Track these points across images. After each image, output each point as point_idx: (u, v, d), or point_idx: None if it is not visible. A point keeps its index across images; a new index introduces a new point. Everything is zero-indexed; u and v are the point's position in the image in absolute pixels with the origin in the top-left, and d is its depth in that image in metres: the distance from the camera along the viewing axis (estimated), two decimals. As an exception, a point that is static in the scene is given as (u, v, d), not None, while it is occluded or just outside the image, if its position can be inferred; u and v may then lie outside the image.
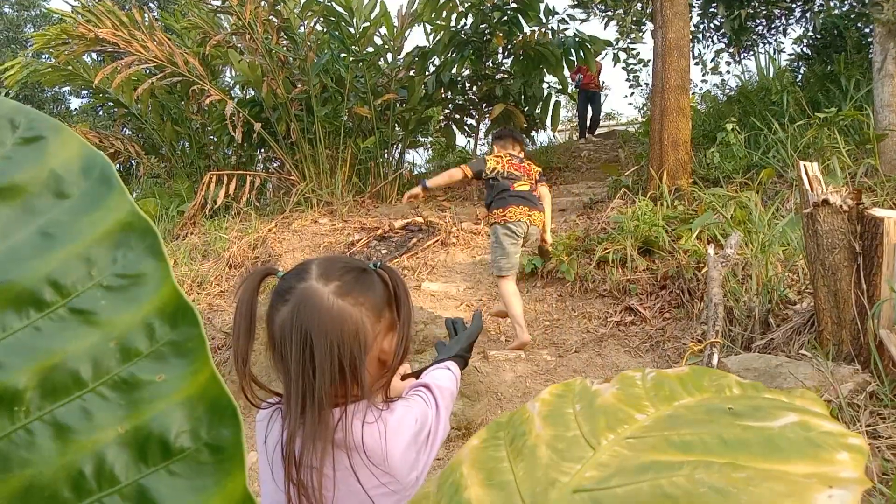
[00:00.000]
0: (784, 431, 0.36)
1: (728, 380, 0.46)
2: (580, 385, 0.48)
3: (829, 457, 0.33)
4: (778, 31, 10.39)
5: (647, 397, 0.44)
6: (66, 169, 0.41)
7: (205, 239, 7.04)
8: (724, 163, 6.62)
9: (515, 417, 0.46)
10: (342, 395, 0.99)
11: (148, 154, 9.58)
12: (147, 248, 0.39)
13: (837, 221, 2.90)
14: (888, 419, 2.49)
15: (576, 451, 0.40)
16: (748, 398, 0.43)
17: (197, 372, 0.37)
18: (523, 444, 0.42)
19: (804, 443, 0.35)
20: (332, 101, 8.53)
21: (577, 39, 8.66)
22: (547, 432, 0.43)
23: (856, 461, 0.33)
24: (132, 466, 0.36)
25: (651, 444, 0.38)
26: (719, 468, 0.34)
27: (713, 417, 0.39)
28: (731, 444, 0.36)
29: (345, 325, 0.97)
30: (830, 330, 2.96)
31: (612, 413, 0.43)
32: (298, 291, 0.99)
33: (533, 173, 4.52)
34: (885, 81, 5.59)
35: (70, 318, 0.38)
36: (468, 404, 3.53)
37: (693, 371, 0.47)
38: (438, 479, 0.44)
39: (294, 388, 0.95)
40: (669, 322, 4.39)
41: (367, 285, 1.04)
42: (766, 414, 0.39)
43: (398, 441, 0.99)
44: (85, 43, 7.43)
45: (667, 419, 0.41)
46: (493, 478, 0.41)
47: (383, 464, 0.97)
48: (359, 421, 0.98)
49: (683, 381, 0.46)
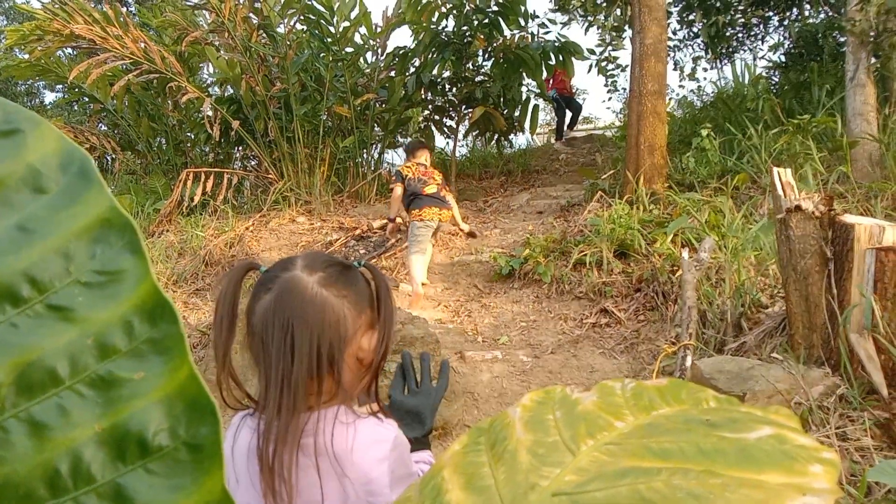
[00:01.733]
0: (759, 443, 0.37)
1: (705, 393, 0.46)
2: (560, 392, 0.48)
3: (803, 468, 0.34)
4: (756, 39, 10.53)
5: (626, 406, 0.45)
6: (43, 163, 0.40)
7: (181, 237, 6.97)
8: (699, 168, 6.70)
9: (496, 423, 0.46)
10: (318, 392, 0.98)
11: (124, 150, 9.45)
12: (126, 244, 0.39)
13: (809, 227, 2.94)
14: (857, 421, 2.54)
15: (556, 457, 0.40)
16: (725, 411, 0.43)
17: (176, 370, 0.37)
18: (504, 449, 0.43)
19: (779, 454, 0.36)
20: (312, 99, 8.48)
21: (558, 44, 8.71)
22: (527, 437, 0.43)
23: (829, 474, 0.34)
24: (109, 465, 0.36)
25: (630, 450, 0.39)
26: (696, 475, 0.35)
27: (691, 427, 0.40)
28: (708, 452, 0.37)
29: (326, 315, 0.97)
30: (802, 334, 3.01)
31: (592, 420, 0.43)
32: (282, 280, 0.99)
33: (437, 177, 5.62)
34: (858, 91, 5.69)
35: (47, 315, 0.38)
36: (444, 404, 3.53)
37: (671, 383, 0.48)
38: (420, 484, 0.44)
39: (274, 375, 0.94)
40: (644, 324, 4.43)
41: (351, 280, 1.04)
42: (742, 426, 0.39)
43: (371, 452, 0.97)
44: (60, 39, 7.31)
45: (646, 427, 0.42)
46: (474, 482, 0.41)
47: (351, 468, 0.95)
48: (331, 424, 0.97)
49: (662, 393, 0.47)
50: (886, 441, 2.47)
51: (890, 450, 2.42)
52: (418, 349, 3.58)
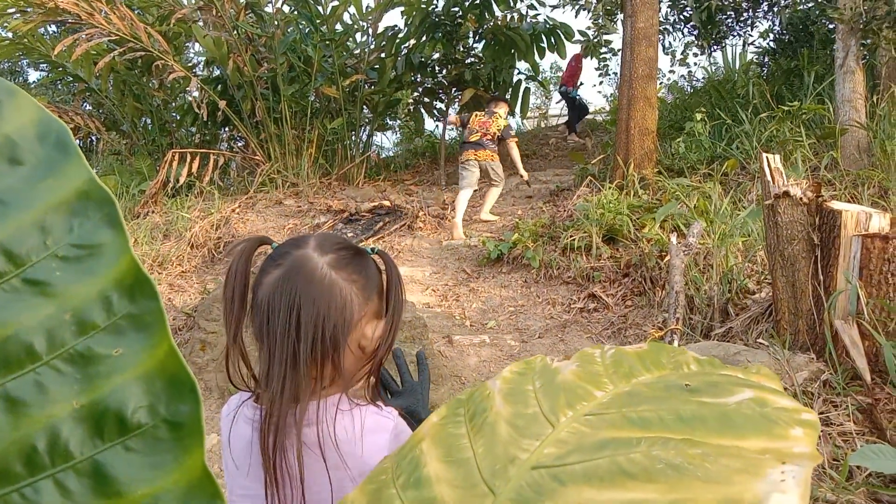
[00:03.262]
0: (739, 407, 0.37)
1: (686, 356, 0.46)
2: (541, 363, 0.48)
3: (783, 432, 0.34)
4: (746, 25, 10.52)
5: (606, 374, 0.45)
6: (20, 135, 0.39)
7: (166, 218, 6.91)
8: (689, 153, 6.71)
9: (476, 394, 0.46)
10: (319, 377, 0.96)
11: (108, 130, 9.33)
12: (105, 217, 0.38)
13: (797, 213, 2.96)
14: (840, 406, 2.57)
15: (535, 428, 0.40)
16: (705, 374, 0.43)
17: (155, 346, 0.36)
18: (483, 421, 0.42)
19: (759, 418, 0.36)
20: (299, 80, 8.40)
21: (548, 25, 8.66)
22: (507, 409, 0.43)
23: (808, 436, 0.34)
24: (87, 442, 0.35)
25: (609, 420, 0.39)
26: (676, 445, 0.34)
27: (671, 394, 0.40)
28: (688, 420, 0.36)
29: (333, 298, 0.95)
30: (787, 319, 3.03)
31: (571, 390, 0.43)
32: (293, 257, 0.97)
33: (492, 126, 6.74)
34: (847, 77, 5.70)
35: (24, 289, 0.37)
36: (432, 388, 3.53)
37: (652, 348, 0.48)
38: (397, 455, 0.43)
39: (279, 353, 0.93)
40: (631, 309, 4.45)
41: (362, 266, 1.02)
42: (722, 390, 0.39)
43: (369, 441, 0.96)
44: (44, 13, 7.18)
45: (625, 396, 0.41)
46: (453, 454, 0.41)
47: (349, 457, 0.94)
48: (333, 412, 0.96)
49: (642, 358, 0.46)
50: (868, 426, 2.50)
51: (872, 435, 2.45)
52: (406, 333, 3.58)
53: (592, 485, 0.34)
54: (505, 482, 0.37)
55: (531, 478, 0.36)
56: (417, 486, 0.39)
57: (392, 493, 0.40)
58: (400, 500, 0.39)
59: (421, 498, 0.38)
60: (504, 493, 0.36)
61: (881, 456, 1.92)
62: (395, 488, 0.40)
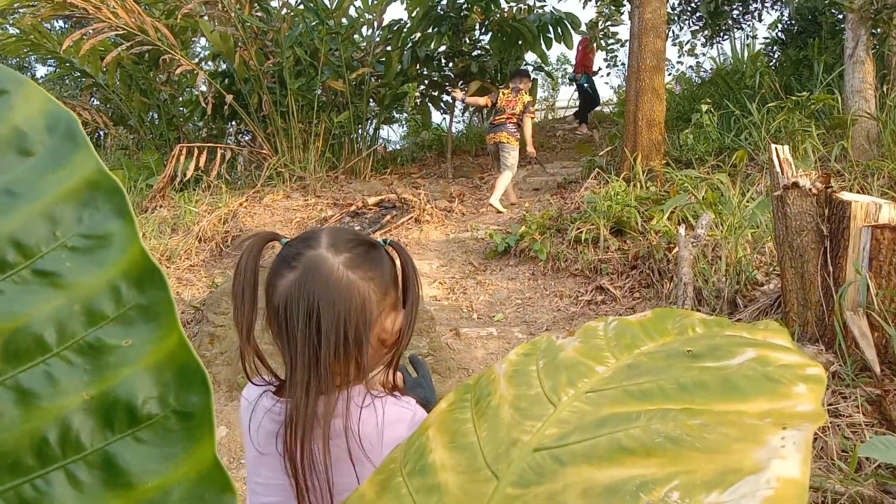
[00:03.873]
0: (742, 369, 0.37)
1: (691, 319, 0.46)
2: (546, 341, 0.48)
3: (786, 391, 0.34)
4: (753, 17, 10.45)
5: (608, 347, 0.45)
6: (29, 125, 0.39)
7: (174, 212, 6.93)
8: (697, 145, 6.67)
9: (482, 379, 0.46)
10: (341, 374, 0.96)
11: (116, 125, 9.36)
12: (114, 207, 0.38)
13: (806, 204, 2.94)
14: (849, 398, 2.55)
15: (537, 409, 0.40)
16: (709, 337, 0.43)
17: (165, 337, 0.36)
18: (487, 405, 0.43)
19: (761, 379, 0.35)
20: (306, 74, 8.39)
21: (555, 16, 8.62)
22: (510, 392, 0.43)
23: (813, 392, 0.34)
24: (98, 433, 0.35)
25: (610, 396, 0.39)
26: (675, 416, 0.35)
27: (672, 362, 0.40)
28: (688, 387, 0.36)
29: (352, 299, 0.94)
30: (796, 311, 3.01)
31: (573, 367, 0.43)
32: (307, 259, 0.95)
33: (517, 104, 6.91)
34: (857, 67, 5.66)
35: (34, 280, 0.37)
36: (439, 381, 3.55)
37: (656, 314, 0.47)
38: (405, 444, 0.44)
39: (301, 359, 0.92)
40: (639, 301, 4.44)
41: (377, 260, 1.00)
42: (724, 353, 0.39)
43: (388, 433, 0.95)
44: (52, 6, 7.20)
45: (626, 369, 0.41)
46: (457, 440, 0.41)
47: (374, 448, 0.94)
48: (356, 406, 0.95)
49: (645, 327, 0.46)
50: (878, 417, 2.48)
51: (881, 426, 2.44)
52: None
53: (592, 463, 0.34)
54: (507, 465, 0.37)
55: (533, 460, 0.36)
56: (423, 474, 0.40)
57: (399, 481, 0.40)
58: (406, 488, 0.39)
59: (426, 485, 0.39)
60: (506, 477, 0.36)
61: (890, 447, 1.91)
62: (403, 476, 0.41)
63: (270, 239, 1.04)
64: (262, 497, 1.00)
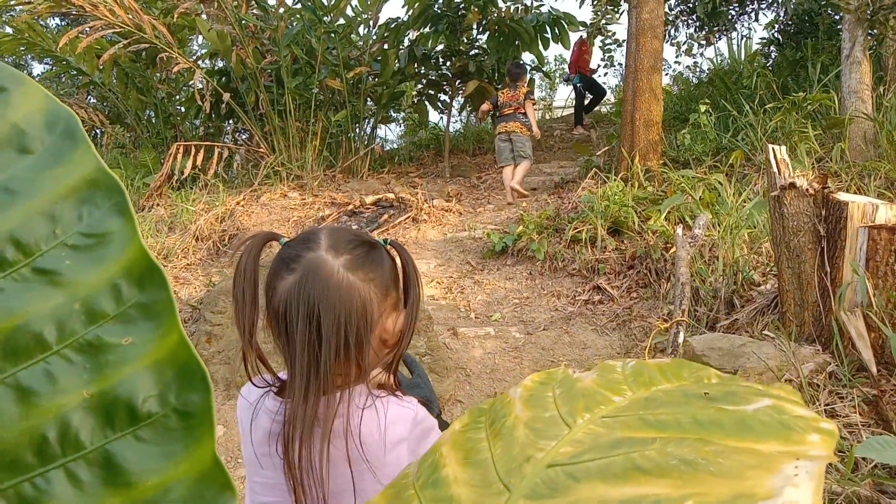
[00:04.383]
0: (757, 414, 0.37)
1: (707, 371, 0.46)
2: (563, 372, 0.48)
3: (800, 437, 0.34)
4: (750, 19, 10.46)
5: (625, 382, 0.45)
6: (28, 123, 0.39)
7: (171, 211, 6.92)
8: (694, 145, 6.68)
9: (497, 402, 0.47)
10: (342, 375, 0.95)
11: (113, 124, 9.33)
12: (113, 205, 0.37)
13: (803, 205, 2.94)
14: (846, 398, 2.56)
15: (552, 430, 0.40)
16: (725, 385, 0.43)
17: (165, 335, 0.36)
18: (502, 426, 0.43)
19: (776, 425, 0.36)
20: (303, 72, 8.38)
21: (552, 16, 8.62)
22: (526, 413, 0.43)
23: (826, 442, 0.34)
24: (98, 432, 0.35)
25: (626, 422, 0.39)
26: (691, 443, 0.35)
27: (689, 400, 0.40)
28: (705, 423, 0.37)
29: (353, 301, 0.93)
30: (793, 311, 3.02)
31: (590, 395, 0.43)
32: (306, 261, 0.94)
33: (520, 96, 7.13)
34: (853, 68, 5.67)
35: (33, 278, 0.37)
36: (437, 380, 3.55)
37: (674, 362, 0.48)
38: (419, 461, 0.44)
39: (299, 362, 0.91)
40: (636, 301, 4.45)
41: (378, 261, 0.99)
42: (740, 399, 0.39)
43: (389, 434, 0.95)
44: (49, 3, 7.18)
45: (643, 401, 0.42)
46: (471, 456, 0.41)
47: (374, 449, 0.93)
48: (357, 407, 0.94)
49: (663, 370, 0.47)
50: (874, 418, 2.49)
51: (877, 426, 2.44)
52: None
53: (606, 481, 0.34)
54: (520, 479, 0.37)
55: (546, 475, 0.36)
56: (435, 486, 0.40)
57: (411, 493, 0.41)
58: (418, 499, 0.40)
59: (438, 497, 0.39)
60: (518, 490, 0.36)
61: (887, 447, 1.91)
62: (415, 489, 0.41)
63: (269, 239, 1.03)
64: (262, 496, 1.00)
